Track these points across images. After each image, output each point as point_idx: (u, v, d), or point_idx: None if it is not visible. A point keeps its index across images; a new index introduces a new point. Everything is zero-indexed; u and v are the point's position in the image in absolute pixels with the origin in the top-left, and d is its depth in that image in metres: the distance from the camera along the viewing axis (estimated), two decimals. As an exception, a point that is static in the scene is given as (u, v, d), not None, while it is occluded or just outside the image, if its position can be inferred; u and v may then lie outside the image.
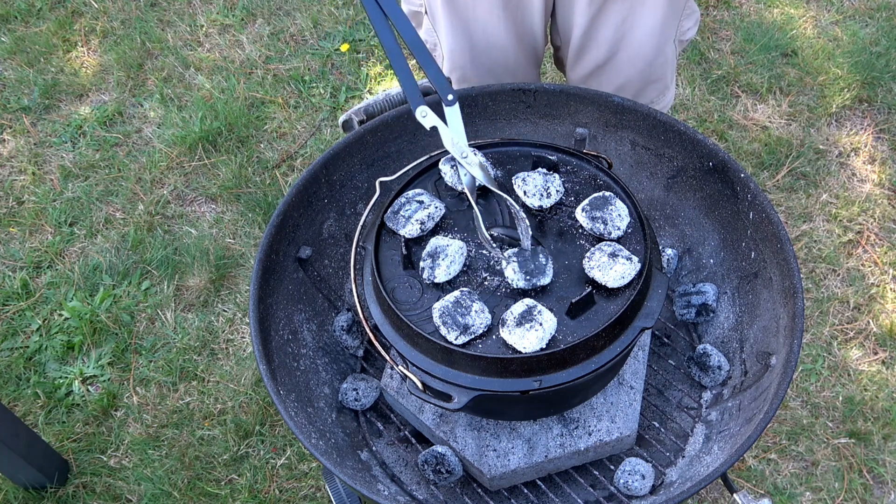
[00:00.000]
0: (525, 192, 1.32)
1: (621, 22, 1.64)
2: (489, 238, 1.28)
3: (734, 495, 1.26)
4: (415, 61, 1.33)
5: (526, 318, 1.16)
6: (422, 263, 1.25)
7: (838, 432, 2.10)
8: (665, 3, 1.61)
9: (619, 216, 1.28)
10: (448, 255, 1.25)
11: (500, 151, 1.42)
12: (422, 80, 1.60)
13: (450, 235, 1.30)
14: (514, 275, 1.22)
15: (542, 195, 1.31)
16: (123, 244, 2.55)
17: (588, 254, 1.24)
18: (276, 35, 3.10)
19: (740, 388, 1.45)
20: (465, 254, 1.27)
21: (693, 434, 1.49)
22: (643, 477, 1.40)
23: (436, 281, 1.25)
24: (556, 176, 1.34)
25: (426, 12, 1.76)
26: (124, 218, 2.62)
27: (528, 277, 1.21)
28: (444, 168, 1.35)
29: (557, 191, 1.33)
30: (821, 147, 2.63)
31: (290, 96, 2.90)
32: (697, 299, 1.56)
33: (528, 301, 1.19)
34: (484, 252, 1.29)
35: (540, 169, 1.35)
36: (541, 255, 1.23)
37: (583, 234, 1.30)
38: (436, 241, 1.27)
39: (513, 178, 1.34)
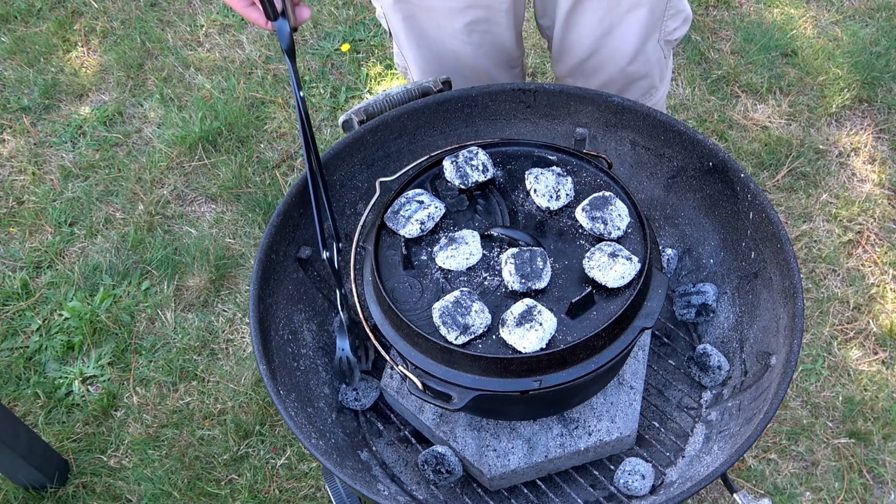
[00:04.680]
0: (535, 191, 1.32)
1: (598, 22, 1.64)
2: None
3: (734, 495, 1.26)
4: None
5: (526, 318, 1.16)
6: (438, 244, 1.27)
7: (838, 432, 2.10)
8: (644, 2, 1.61)
9: (619, 216, 1.28)
10: (469, 245, 1.26)
11: (501, 151, 1.42)
12: (418, 81, 1.60)
13: (468, 235, 1.31)
14: (510, 277, 1.22)
15: (551, 196, 1.31)
16: (123, 244, 2.55)
17: (588, 254, 1.24)
18: (275, 35, 3.10)
19: (740, 388, 1.45)
20: (479, 255, 1.27)
21: (693, 434, 1.49)
22: (643, 477, 1.40)
23: (444, 266, 1.25)
24: (570, 178, 1.34)
25: (390, 35, 1.76)
26: (124, 218, 2.61)
27: (523, 281, 1.21)
28: (447, 164, 1.35)
29: (567, 194, 1.32)
30: (821, 147, 2.63)
31: (290, 96, 2.90)
32: (697, 299, 1.56)
33: (528, 301, 1.19)
34: (486, 252, 1.29)
35: (555, 168, 1.35)
36: (539, 259, 1.22)
37: (583, 233, 1.30)
38: (460, 233, 1.28)
39: (526, 171, 1.34)
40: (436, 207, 1.31)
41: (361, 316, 1.28)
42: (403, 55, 1.78)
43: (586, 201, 1.30)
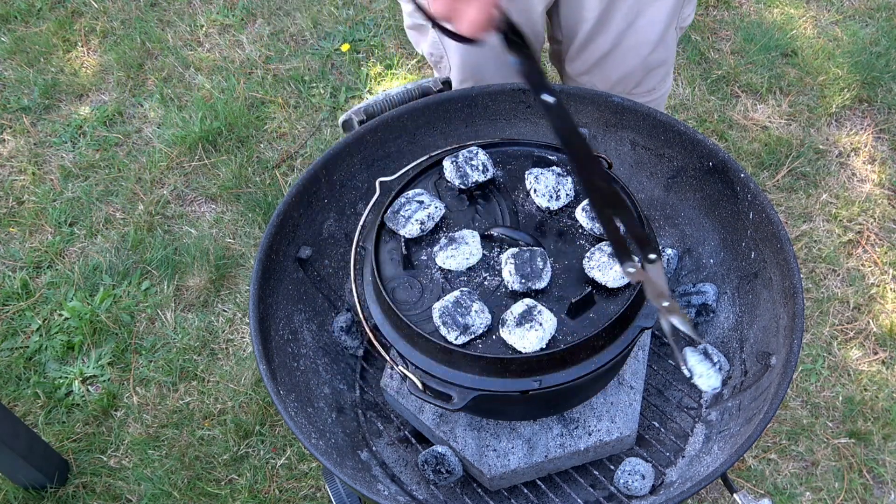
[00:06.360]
0: (535, 191, 1.32)
1: (628, 11, 1.66)
2: None
3: (734, 495, 1.26)
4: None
5: (526, 318, 1.16)
6: (438, 244, 1.27)
7: (838, 432, 2.10)
8: None
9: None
10: (469, 245, 1.26)
11: (500, 151, 1.42)
12: (422, 79, 1.60)
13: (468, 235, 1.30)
14: (510, 277, 1.22)
15: (551, 196, 1.31)
16: (123, 244, 2.55)
17: (588, 254, 1.24)
18: (276, 35, 3.10)
19: (740, 388, 1.45)
20: (479, 255, 1.27)
21: (693, 434, 1.49)
22: (643, 477, 1.40)
23: (444, 266, 1.25)
24: (570, 179, 1.34)
25: (431, 22, 1.76)
26: (124, 218, 2.61)
27: (523, 281, 1.21)
28: (447, 164, 1.35)
29: (567, 194, 1.33)
30: (821, 147, 2.63)
31: (290, 96, 2.90)
32: (697, 299, 1.56)
33: (528, 301, 1.19)
34: (486, 252, 1.29)
35: (555, 168, 1.35)
36: (539, 259, 1.22)
37: (583, 233, 1.30)
38: (460, 233, 1.28)
39: (526, 171, 1.34)
40: (436, 207, 1.31)
41: (361, 316, 1.28)
42: (441, 43, 1.77)
43: (586, 201, 1.30)
